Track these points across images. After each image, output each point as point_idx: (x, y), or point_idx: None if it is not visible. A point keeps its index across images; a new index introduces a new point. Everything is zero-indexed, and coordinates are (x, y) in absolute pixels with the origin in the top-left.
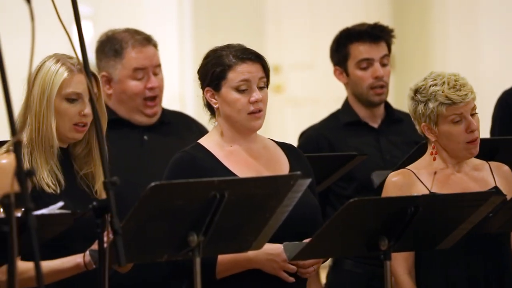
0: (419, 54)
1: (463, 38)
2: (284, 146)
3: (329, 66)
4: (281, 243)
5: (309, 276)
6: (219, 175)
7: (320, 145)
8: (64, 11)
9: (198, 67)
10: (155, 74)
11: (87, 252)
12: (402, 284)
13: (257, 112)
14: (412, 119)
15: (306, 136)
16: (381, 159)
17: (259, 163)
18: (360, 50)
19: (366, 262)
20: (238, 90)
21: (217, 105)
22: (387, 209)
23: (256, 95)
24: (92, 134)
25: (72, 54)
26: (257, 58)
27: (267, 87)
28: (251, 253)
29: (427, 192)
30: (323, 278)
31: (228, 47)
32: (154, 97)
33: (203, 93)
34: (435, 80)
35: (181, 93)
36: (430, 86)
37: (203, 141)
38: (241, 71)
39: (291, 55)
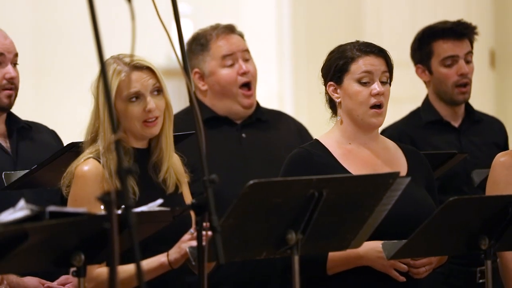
0: None
1: None
2: (406, 149)
3: None
4: (394, 239)
5: (420, 276)
6: (334, 172)
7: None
8: (163, 10)
9: (322, 65)
10: (246, 60)
11: (171, 251)
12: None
13: (378, 108)
14: None
15: (388, 134)
16: (462, 159)
17: (376, 163)
18: (445, 48)
19: None
20: (360, 82)
21: (339, 99)
22: (487, 208)
23: (378, 87)
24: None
25: (172, 53)
26: (381, 52)
27: (390, 84)
28: (361, 250)
29: None
30: None
31: (353, 42)
32: (248, 83)
33: (325, 89)
34: None
35: (279, 92)
36: None
37: (322, 138)
38: (363, 63)
39: (391, 54)
